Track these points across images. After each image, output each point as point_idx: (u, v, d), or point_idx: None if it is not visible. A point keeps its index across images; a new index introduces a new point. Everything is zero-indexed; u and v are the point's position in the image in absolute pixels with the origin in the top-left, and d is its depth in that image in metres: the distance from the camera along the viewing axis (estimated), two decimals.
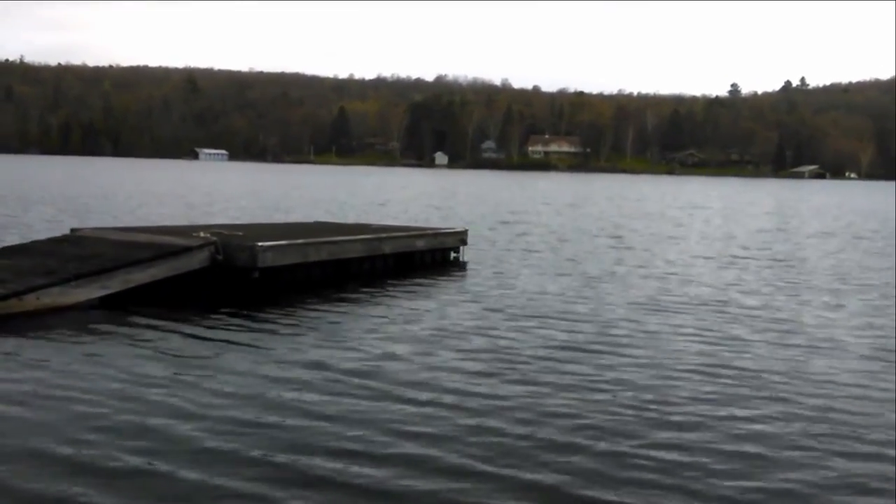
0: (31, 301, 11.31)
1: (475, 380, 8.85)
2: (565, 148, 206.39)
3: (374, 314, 12.49)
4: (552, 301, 13.96)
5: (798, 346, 11.03)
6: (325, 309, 12.72)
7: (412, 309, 12.98)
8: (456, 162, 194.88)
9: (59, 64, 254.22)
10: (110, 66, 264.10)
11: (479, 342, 10.67)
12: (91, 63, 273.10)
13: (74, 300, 11.79)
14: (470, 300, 13.92)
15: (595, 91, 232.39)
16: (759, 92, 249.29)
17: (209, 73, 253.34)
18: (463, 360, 9.72)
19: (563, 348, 10.41)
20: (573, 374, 9.19)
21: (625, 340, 10.98)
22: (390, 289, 14.98)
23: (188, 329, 10.93)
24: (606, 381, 8.93)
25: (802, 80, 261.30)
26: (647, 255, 21.55)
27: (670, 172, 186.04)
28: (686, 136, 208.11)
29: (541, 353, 10.11)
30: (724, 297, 14.74)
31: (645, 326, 11.99)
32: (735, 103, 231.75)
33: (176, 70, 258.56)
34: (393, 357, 9.74)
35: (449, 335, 11.05)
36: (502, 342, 10.66)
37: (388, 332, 11.20)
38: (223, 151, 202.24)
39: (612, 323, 12.15)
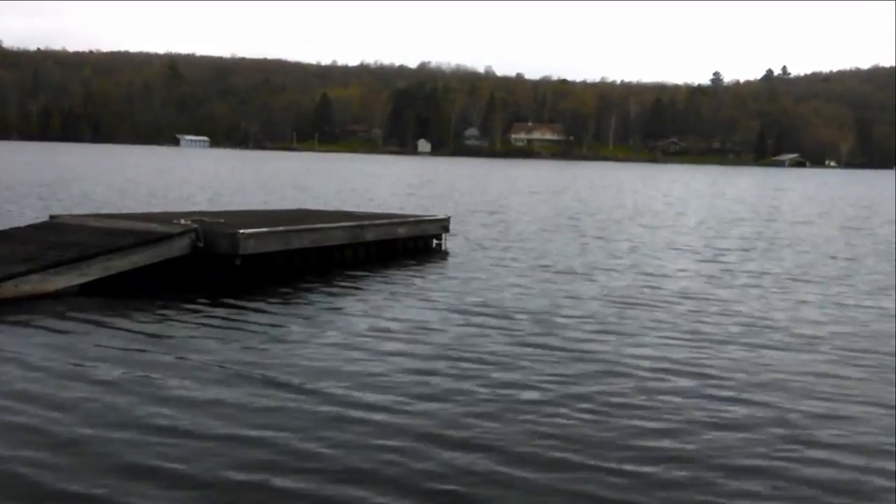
0: (10, 288, 11.21)
1: (450, 369, 8.84)
2: (548, 136, 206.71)
3: (356, 302, 12.46)
4: (533, 292, 13.86)
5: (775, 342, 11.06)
6: (307, 296, 12.69)
7: (392, 297, 12.96)
8: (439, 149, 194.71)
9: (39, 49, 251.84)
10: (90, 52, 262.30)
11: (457, 332, 10.60)
12: (71, 48, 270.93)
13: (54, 287, 11.70)
14: (450, 288, 13.88)
15: (578, 79, 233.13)
16: (742, 80, 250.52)
17: (191, 59, 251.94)
18: (439, 349, 9.68)
19: (538, 344, 10.00)
20: (549, 368, 9.05)
21: (608, 336, 10.75)
22: (372, 276, 14.95)
23: (168, 316, 10.85)
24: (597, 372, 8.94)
25: (784, 69, 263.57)
26: (626, 245, 21.54)
27: (652, 160, 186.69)
28: (668, 125, 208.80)
29: (514, 348, 9.78)
30: (703, 292, 14.62)
31: (619, 321, 11.70)
32: (717, 92, 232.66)
33: (157, 56, 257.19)
34: (370, 345, 9.71)
35: (426, 324, 10.97)
36: (478, 333, 10.52)
37: (367, 320, 11.15)
38: (205, 138, 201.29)
39: (596, 316, 11.87)
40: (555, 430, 7.01)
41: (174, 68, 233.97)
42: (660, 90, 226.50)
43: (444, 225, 19.86)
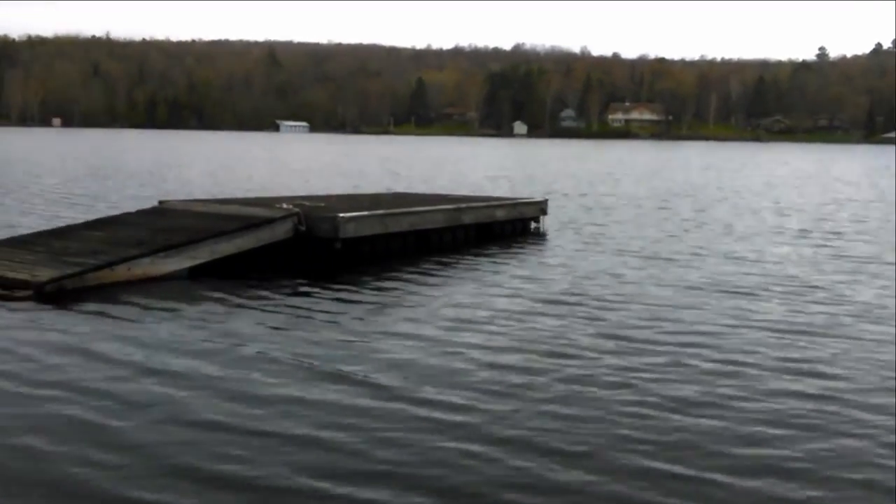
0: (123, 272, 11.66)
1: (555, 353, 8.83)
2: (646, 116, 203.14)
3: (455, 284, 12.55)
4: (629, 278, 13.49)
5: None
6: (403, 281, 12.81)
7: (492, 279, 13.00)
8: (534, 131, 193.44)
9: (144, 39, 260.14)
10: (193, 41, 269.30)
11: (559, 313, 10.58)
12: (174, 38, 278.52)
13: (164, 271, 12.12)
14: (549, 271, 13.85)
15: (677, 57, 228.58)
16: (849, 55, 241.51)
17: (289, 46, 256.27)
18: (542, 331, 9.66)
19: (631, 337, 9.39)
20: (646, 367, 8.31)
21: (710, 328, 10.02)
22: (470, 259, 15.01)
23: (273, 298, 11.16)
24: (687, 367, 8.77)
25: (894, 42, 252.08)
26: (728, 229, 20.96)
27: (756, 139, 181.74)
28: (772, 103, 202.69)
29: (604, 341, 9.20)
30: (810, 279, 13.89)
31: (719, 312, 11.07)
32: (823, 67, 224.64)
33: (256, 44, 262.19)
34: (471, 327, 9.75)
35: (528, 307, 10.99)
36: (570, 323, 10.16)
37: (466, 302, 11.22)
38: (304, 124, 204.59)
39: (698, 306, 11.26)
40: (645, 433, 6.48)
41: (273, 56, 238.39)
42: (762, 67, 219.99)
43: (541, 207, 19.81)
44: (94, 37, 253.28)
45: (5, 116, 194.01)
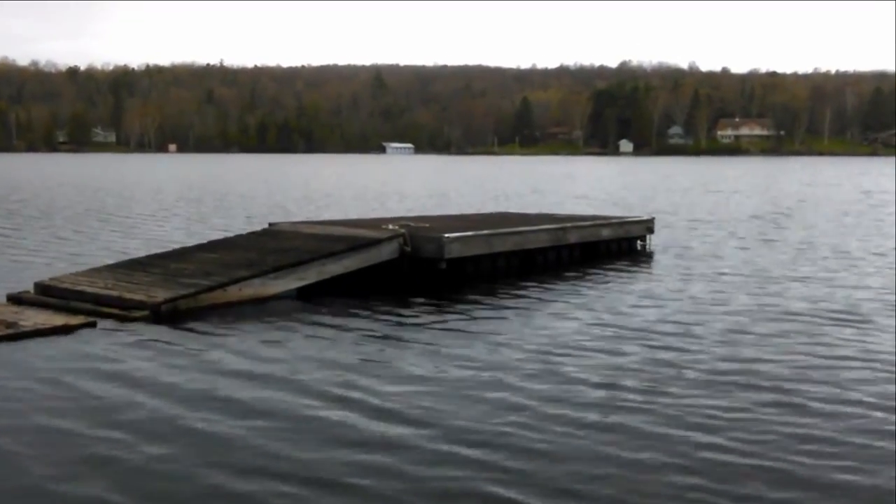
0: (235, 292, 11.97)
1: (664, 373, 8.66)
2: (757, 131, 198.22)
3: (561, 305, 12.44)
4: (740, 300, 13.08)
5: None
6: (511, 299, 12.79)
7: (598, 300, 12.84)
8: (641, 149, 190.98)
9: (255, 66, 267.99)
10: (302, 66, 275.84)
11: (667, 338, 10.33)
12: (284, 64, 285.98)
13: (274, 291, 12.39)
14: (657, 291, 13.61)
15: (788, 71, 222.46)
16: None
17: (394, 69, 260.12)
18: (650, 352, 9.52)
19: (739, 371, 8.74)
20: (761, 406, 7.66)
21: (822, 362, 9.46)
22: (576, 279, 14.88)
23: (379, 318, 11.27)
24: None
25: None
26: (842, 250, 20.18)
27: (873, 154, 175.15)
28: (889, 115, 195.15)
29: (710, 376, 8.53)
30: None
31: (831, 343, 10.42)
32: None
33: (363, 67, 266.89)
34: (578, 350, 9.66)
35: (634, 328, 10.83)
36: (690, 339, 10.17)
37: (573, 323, 11.13)
38: (409, 145, 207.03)
39: (809, 334, 10.82)
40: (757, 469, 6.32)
41: (379, 78, 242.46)
42: (880, 78, 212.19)
43: (648, 226, 19.50)
44: (208, 65, 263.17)
45: (124, 143, 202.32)
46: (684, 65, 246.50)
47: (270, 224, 16.91)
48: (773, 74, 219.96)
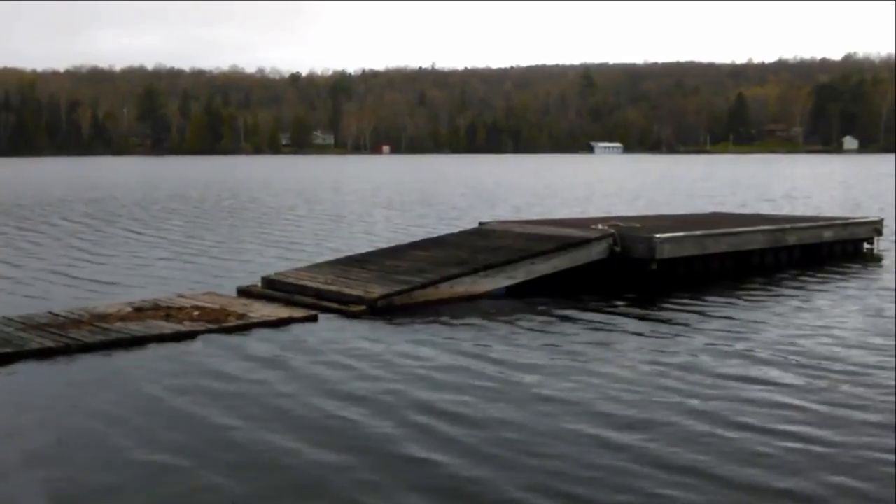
0: (446, 290, 12.28)
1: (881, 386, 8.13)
2: None
3: (779, 309, 11.94)
4: None
5: None
6: (726, 302, 12.39)
7: (819, 305, 12.22)
8: (867, 146, 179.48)
9: (466, 68, 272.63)
10: (511, 67, 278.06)
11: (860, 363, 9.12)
12: (494, 65, 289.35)
13: (483, 289, 12.61)
14: (883, 301, 12.69)
15: None
16: None
17: (603, 68, 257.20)
18: (865, 372, 8.75)
19: None
20: None
21: None
22: (796, 283, 14.22)
23: (589, 318, 11.24)
24: None
25: None
26: None
27: None
28: None
29: None
30: None
31: None
32: None
33: (572, 67, 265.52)
34: (792, 359, 9.20)
35: (851, 343, 10.05)
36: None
37: (790, 330, 10.63)
38: (618, 144, 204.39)
39: None
40: None
41: (588, 77, 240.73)
42: None
43: (876, 227, 18.35)
44: (420, 68, 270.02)
45: (342, 145, 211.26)
46: None
47: (481, 223, 17.21)
48: None
